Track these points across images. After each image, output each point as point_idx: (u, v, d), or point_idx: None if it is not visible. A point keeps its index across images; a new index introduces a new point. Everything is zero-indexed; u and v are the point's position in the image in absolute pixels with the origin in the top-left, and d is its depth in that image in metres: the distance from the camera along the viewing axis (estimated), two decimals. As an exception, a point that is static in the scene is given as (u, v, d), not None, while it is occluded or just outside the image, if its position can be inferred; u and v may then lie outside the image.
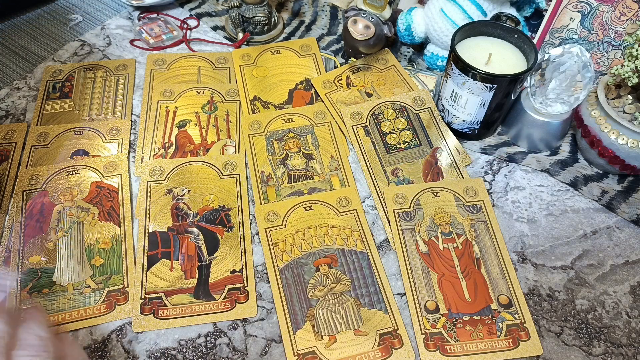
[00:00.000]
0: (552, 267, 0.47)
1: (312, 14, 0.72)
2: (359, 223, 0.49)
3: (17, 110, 0.59)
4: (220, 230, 0.48)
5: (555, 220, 0.50)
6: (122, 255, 0.46)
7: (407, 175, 0.53)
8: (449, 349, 0.42)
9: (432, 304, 0.44)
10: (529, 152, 0.55)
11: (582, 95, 0.49)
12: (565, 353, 0.42)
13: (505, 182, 0.53)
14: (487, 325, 0.43)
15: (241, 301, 0.44)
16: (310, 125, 0.57)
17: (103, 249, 0.47)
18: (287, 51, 0.65)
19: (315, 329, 0.43)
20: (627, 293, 0.45)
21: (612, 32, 0.56)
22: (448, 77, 0.53)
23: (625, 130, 0.48)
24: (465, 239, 0.48)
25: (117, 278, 0.45)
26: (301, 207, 0.50)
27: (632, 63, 0.46)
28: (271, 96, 0.61)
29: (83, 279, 0.45)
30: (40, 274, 0.45)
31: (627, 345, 0.42)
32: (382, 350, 0.42)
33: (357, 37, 0.55)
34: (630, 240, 0.49)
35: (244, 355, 0.42)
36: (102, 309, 0.43)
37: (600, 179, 0.53)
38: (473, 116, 0.53)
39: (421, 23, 0.60)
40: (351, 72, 0.62)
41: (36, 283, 0.44)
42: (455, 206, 0.50)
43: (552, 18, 0.57)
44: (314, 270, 0.46)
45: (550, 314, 0.44)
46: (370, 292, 0.45)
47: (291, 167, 0.54)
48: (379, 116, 0.57)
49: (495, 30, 0.53)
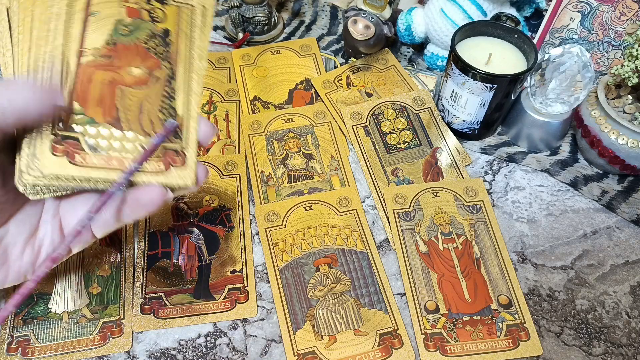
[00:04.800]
0: (552, 267, 0.47)
1: (312, 14, 0.72)
2: (359, 223, 0.49)
3: (17, 110, 0.59)
4: (220, 230, 0.48)
5: (555, 220, 0.50)
6: (120, 285, 0.45)
7: (407, 175, 0.53)
8: (449, 349, 0.42)
9: (432, 304, 0.44)
10: (529, 152, 0.55)
11: (582, 95, 0.49)
12: (565, 353, 0.42)
13: (505, 182, 0.53)
14: (487, 326, 0.43)
15: (241, 301, 0.44)
16: (310, 125, 0.57)
17: (102, 277, 0.45)
18: (287, 51, 0.65)
19: (315, 329, 0.43)
20: (627, 293, 0.45)
21: (612, 32, 0.56)
22: (448, 77, 0.53)
23: (625, 130, 0.48)
24: (465, 239, 0.48)
25: (114, 308, 0.43)
26: (301, 207, 0.50)
27: (632, 63, 0.46)
28: (271, 96, 0.61)
29: (79, 307, 0.43)
30: (36, 299, 0.43)
31: (627, 345, 0.42)
32: (382, 350, 0.42)
33: (357, 37, 0.55)
34: (630, 240, 0.49)
35: (244, 355, 0.42)
36: (97, 340, 0.42)
37: (600, 179, 0.53)
38: (473, 116, 0.53)
39: (421, 23, 0.60)
40: (351, 72, 0.62)
41: (31, 309, 0.43)
42: (455, 206, 0.50)
43: (552, 18, 0.57)
44: (314, 270, 0.46)
45: (550, 314, 0.44)
46: (370, 292, 0.45)
47: (291, 167, 0.54)
48: (379, 116, 0.57)
49: (495, 30, 0.53)
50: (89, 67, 0.31)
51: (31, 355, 0.41)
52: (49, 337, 0.42)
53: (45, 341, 0.41)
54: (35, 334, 0.42)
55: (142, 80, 0.32)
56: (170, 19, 0.33)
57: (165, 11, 0.33)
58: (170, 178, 0.32)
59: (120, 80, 0.31)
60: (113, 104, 0.31)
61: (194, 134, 0.33)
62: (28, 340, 0.41)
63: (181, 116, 0.33)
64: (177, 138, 0.32)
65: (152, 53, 0.32)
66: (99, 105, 0.30)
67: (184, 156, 0.32)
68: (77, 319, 0.43)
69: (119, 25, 0.32)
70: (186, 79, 0.33)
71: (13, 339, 0.41)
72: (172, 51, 0.33)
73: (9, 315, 0.27)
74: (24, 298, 0.27)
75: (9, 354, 0.41)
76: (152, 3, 0.33)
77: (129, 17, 0.32)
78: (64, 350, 0.41)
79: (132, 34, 0.32)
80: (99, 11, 0.31)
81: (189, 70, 0.33)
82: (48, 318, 0.43)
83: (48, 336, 0.42)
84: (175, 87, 0.33)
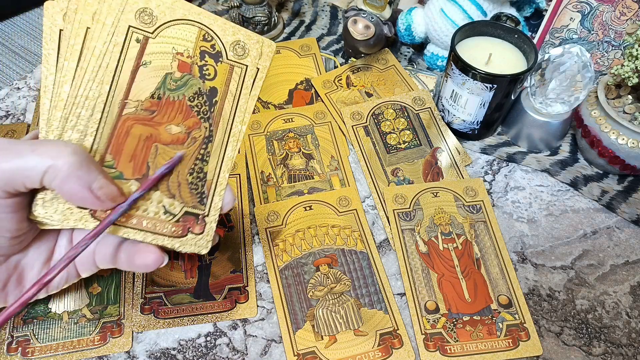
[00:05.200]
0: (552, 267, 0.47)
1: (312, 14, 0.72)
2: (359, 223, 0.49)
3: (17, 110, 0.59)
4: (220, 230, 0.48)
5: (555, 220, 0.50)
6: (120, 285, 0.45)
7: (407, 175, 0.53)
8: (449, 349, 0.42)
9: (432, 304, 0.44)
10: (529, 152, 0.55)
11: (582, 95, 0.49)
12: (565, 353, 0.42)
13: (505, 182, 0.53)
14: (487, 326, 0.43)
15: (241, 301, 0.44)
16: (310, 125, 0.57)
17: (102, 277, 0.45)
18: (287, 51, 0.65)
19: (315, 329, 0.43)
20: (627, 293, 0.45)
21: (612, 32, 0.56)
22: (448, 77, 0.53)
23: (625, 130, 0.48)
24: (465, 239, 0.48)
25: (114, 308, 0.43)
26: (301, 207, 0.50)
27: (632, 63, 0.46)
28: (271, 96, 0.61)
29: (79, 307, 0.43)
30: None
31: (627, 345, 0.42)
32: (382, 350, 0.42)
33: (357, 37, 0.55)
34: (630, 240, 0.49)
35: (244, 355, 0.42)
36: (97, 340, 0.42)
37: (600, 179, 0.53)
38: (473, 116, 0.53)
39: (421, 23, 0.60)
40: (351, 72, 0.62)
41: (31, 309, 0.43)
42: (455, 206, 0.50)
43: (552, 18, 0.57)
44: (314, 270, 0.46)
45: (550, 314, 0.44)
46: (370, 292, 0.45)
47: (291, 167, 0.54)
48: (379, 116, 0.57)
49: (495, 30, 0.53)
50: (129, 119, 0.29)
51: (31, 355, 0.41)
52: (49, 337, 0.42)
53: (45, 341, 0.41)
54: (35, 334, 0.42)
55: (180, 139, 0.31)
56: (220, 78, 0.31)
57: (217, 69, 0.31)
58: (185, 244, 0.31)
59: (157, 137, 0.30)
60: (145, 161, 0.30)
61: (219, 202, 0.32)
62: (28, 340, 0.41)
63: (210, 181, 0.31)
64: (201, 204, 0.31)
65: (195, 112, 0.31)
66: (131, 161, 0.29)
67: (204, 224, 0.31)
68: (77, 319, 0.43)
69: (168, 79, 0.30)
70: (223, 143, 0.32)
71: (13, 339, 0.41)
72: (215, 112, 0.31)
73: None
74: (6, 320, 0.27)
75: (9, 354, 0.41)
76: (206, 60, 0.31)
77: (179, 71, 0.31)
78: (64, 350, 0.41)
79: (179, 90, 0.31)
80: (150, 62, 0.30)
81: (228, 134, 0.32)
82: (48, 318, 0.43)
83: (48, 336, 0.42)
84: (210, 150, 0.31)
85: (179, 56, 0.30)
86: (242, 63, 0.32)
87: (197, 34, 0.31)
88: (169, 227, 0.30)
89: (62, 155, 0.26)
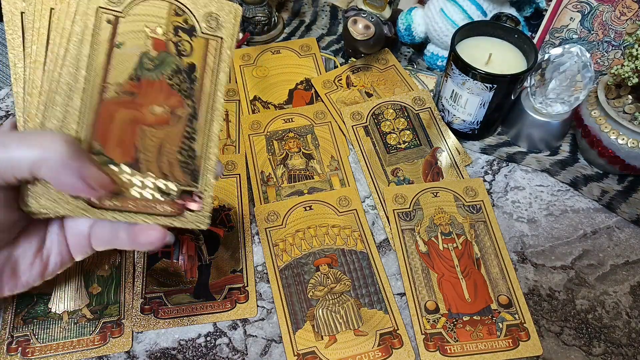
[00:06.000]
0: (552, 267, 0.47)
1: (312, 14, 0.72)
2: (359, 223, 0.49)
3: (17, 110, 0.59)
4: (220, 230, 0.48)
5: (555, 220, 0.50)
6: (120, 285, 0.45)
7: (407, 175, 0.53)
8: (449, 349, 0.42)
9: (432, 304, 0.44)
10: (529, 152, 0.55)
11: (582, 95, 0.49)
12: (565, 353, 0.42)
13: (505, 182, 0.53)
14: (487, 326, 0.43)
15: (241, 301, 0.44)
16: (310, 125, 0.57)
17: (102, 277, 0.45)
18: (287, 51, 0.65)
19: (315, 329, 0.43)
20: (627, 293, 0.45)
21: (612, 32, 0.56)
22: (448, 77, 0.53)
23: (625, 130, 0.48)
24: (465, 239, 0.48)
25: (114, 308, 0.43)
26: (301, 207, 0.50)
27: (632, 63, 0.46)
28: (271, 96, 0.61)
29: (79, 307, 0.43)
30: (36, 299, 0.43)
31: (627, 345, 0.42)
32: (382, 350, 0.42)
33: (357, 37, 0.55)
34: (630, 240, 0.49)
35: (244, 355, 0.42)
36: (96, 340, 0.42)
37: (600, 179, 0.53)
38: (473, 116, 0.53)
39: (421, 23, 0.60)
40: (351, 72, 0.62)
41: (31, 309, 0.43)
42: (455, 206, 0.50)
43: (552, 18, 0.57)
44: (314, 270, 0.46)
45: (550, 314, 0.44)
46: (370, 292, 0.45)
47: (291, 167, 0.54)
48: (379, 116, 0.57)
49: (495, 30, 0.53)
50: (111, 104, 0.29)
51: (31, 355, 0.41)
52: (49, 337, 0.42)
53: (45, 341, 0.41)
54: (35, 334, 0.42)
55: (164, 119, 0.30)
56: (197, 53, 0.31)
57: (193, 44, 0.31)
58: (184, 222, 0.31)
59: (141, 119, 0.30)
60: (132, 144, 0.30)
61: (212, 177, 0.31)
62: (28, 340, 0.41)
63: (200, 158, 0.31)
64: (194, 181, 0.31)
65: (175, 90, 0.31)
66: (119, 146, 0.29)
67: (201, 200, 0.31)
68: (77, 319, 0.43)
69: (145, 58, 0.30)
70: (208, 119, 0.31)
71: (13, 339, 0.41)
72: (196, 88, 0.31)
73: None
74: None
75: (9, 354, 0.41)
76: (180, 35, 0.30)
77: (155, 49, 0.30)
78: (64, 350, 0.41)
79: (157, 69, 0.30)
80: (124, 42, 0.29)
81: (212, 108, 0.31)
82: (48, 318, 0.43)
83: (48, 336, 0.42)
84: (196, 127, 0.31)
85: (152, 34, 0.30)
86: (217, 35, 0.31)
87: (167, 9, 0.30)
88: (167, 207, 0.30)
89: (54, 145, 0.26)
